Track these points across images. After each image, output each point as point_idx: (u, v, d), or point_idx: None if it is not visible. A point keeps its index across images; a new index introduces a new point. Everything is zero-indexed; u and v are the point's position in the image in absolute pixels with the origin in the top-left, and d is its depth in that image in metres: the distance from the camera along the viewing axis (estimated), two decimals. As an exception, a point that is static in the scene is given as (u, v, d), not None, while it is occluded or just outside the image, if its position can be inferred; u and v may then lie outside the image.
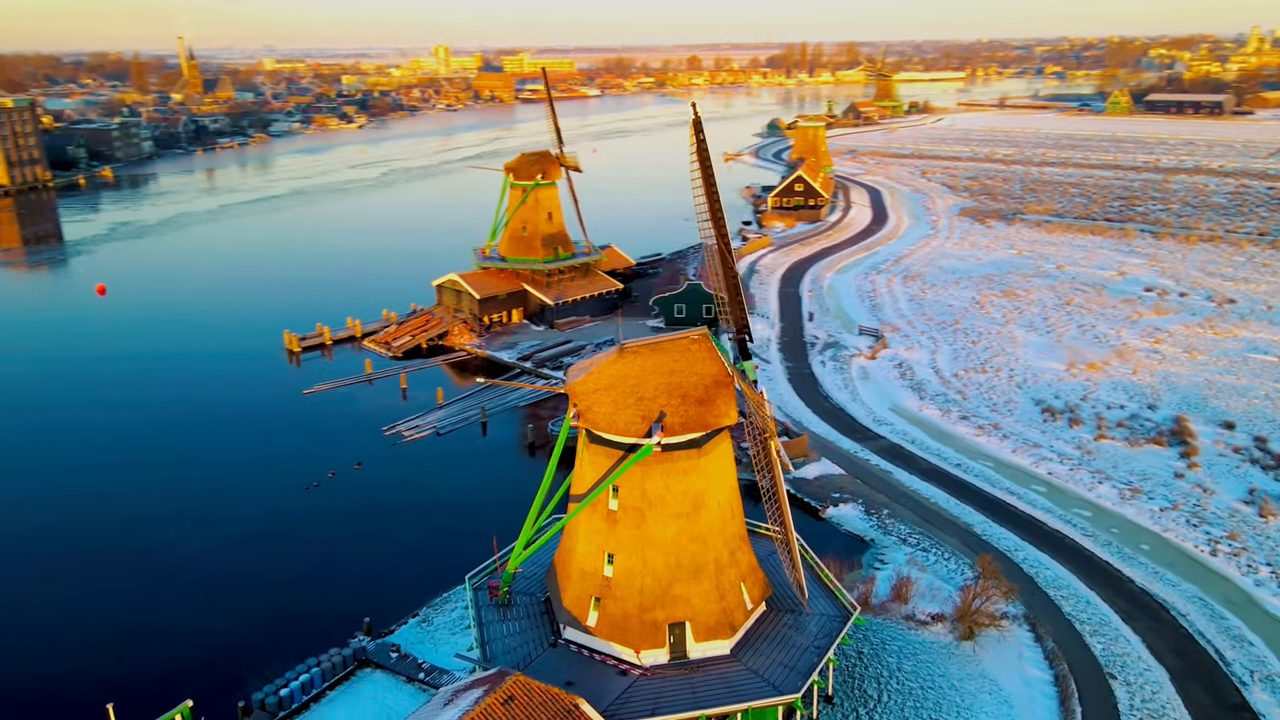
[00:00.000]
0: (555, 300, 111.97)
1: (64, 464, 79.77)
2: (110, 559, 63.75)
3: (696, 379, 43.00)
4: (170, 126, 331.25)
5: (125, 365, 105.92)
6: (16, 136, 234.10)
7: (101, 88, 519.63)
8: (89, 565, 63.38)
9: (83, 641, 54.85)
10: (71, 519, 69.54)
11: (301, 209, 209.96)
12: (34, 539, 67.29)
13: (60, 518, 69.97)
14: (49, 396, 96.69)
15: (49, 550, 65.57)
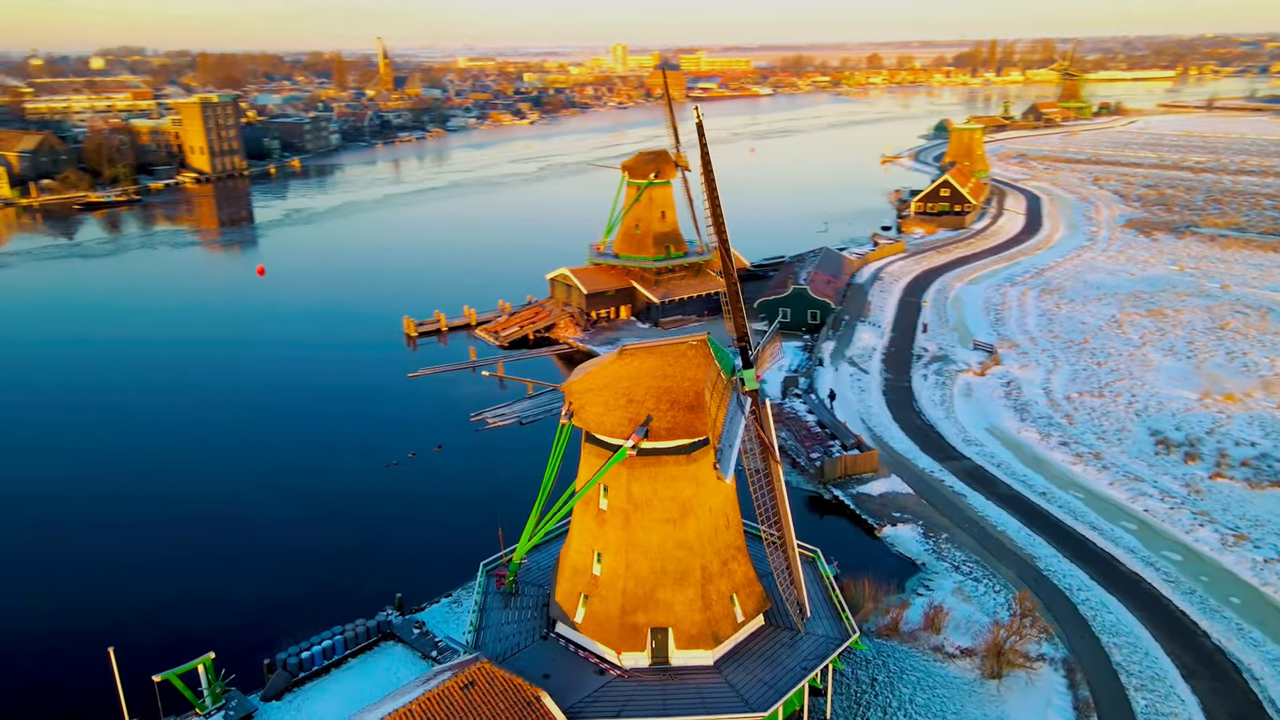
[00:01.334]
0: (661, 299, 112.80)
1: (180, 432, 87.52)
2: (191, 522, 69.66)
3: (688, 385, 42.71)
4: (357, 121, 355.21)
5: (259, 342, 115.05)
6: (220, 129, 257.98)
7: (310, 84, 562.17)
8: (169, 525, 69.32)
9: (134, 591, 60.61)
10: (169, 483, 76.33)
11: (453, 200, 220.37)
12: (128, 497, 74.16)
13: (160, 481, 76.88)
14: (187, 365, 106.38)
15: (140, 507, 72.19)
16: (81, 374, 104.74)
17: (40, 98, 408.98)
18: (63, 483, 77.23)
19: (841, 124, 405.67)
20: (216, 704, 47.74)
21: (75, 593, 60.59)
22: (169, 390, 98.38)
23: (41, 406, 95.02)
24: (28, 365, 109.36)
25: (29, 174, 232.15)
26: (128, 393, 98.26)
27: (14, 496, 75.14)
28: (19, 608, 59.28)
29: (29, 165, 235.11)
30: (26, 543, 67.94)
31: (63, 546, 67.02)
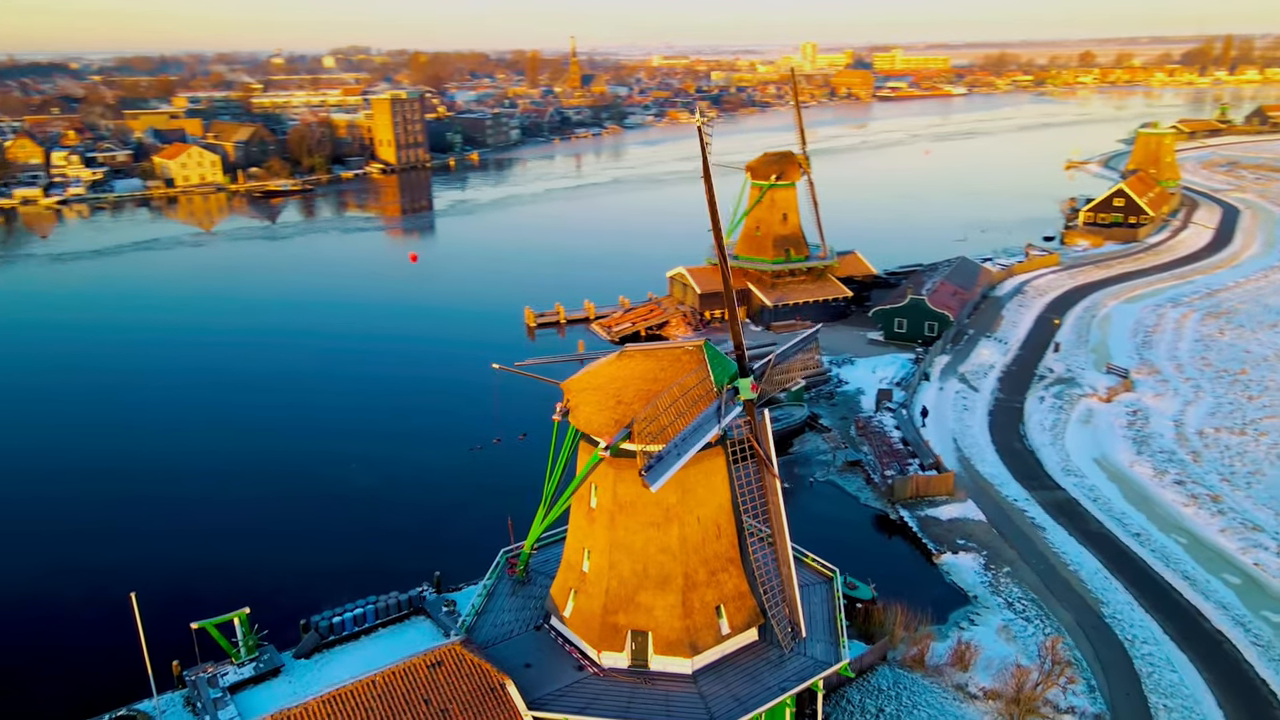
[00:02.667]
0: (775, 302, 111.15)
1: (302, 404, 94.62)
2: (286, 487, 75.46)
3: (677, 390, 42.40)
4: (538, 117, 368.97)
5: (391, 325, 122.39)
6: (406, 123, 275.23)
7: (508, 81, 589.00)
8: (261, 498, 74.31)
9: (204, 541, 66.75)
10: (280, 450, 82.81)
11: (607, 196, 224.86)
12: (232, 470, 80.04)
13: (263, 456, 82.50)
14: (318, 344, 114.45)
15: (241, 482, 77.95)
16: (224, 347, 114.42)
17: (266, 93, 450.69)
18: (182, 450, 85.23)
19: (1033, 126, 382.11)
20: (250, 655, 51.85)
21: (167, 550, 67.34)
22: (293, 366, 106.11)
23: (171, 373, 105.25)
24: (178, 333, 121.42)
25: (241, 162, 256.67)
26: (255, 365, 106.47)
27: (136, 459, 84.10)
28: (135, 560, 66.29)
29: (242, 154, 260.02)
30: (153, 500, 75.84)
31: (181, 508, 74.53)
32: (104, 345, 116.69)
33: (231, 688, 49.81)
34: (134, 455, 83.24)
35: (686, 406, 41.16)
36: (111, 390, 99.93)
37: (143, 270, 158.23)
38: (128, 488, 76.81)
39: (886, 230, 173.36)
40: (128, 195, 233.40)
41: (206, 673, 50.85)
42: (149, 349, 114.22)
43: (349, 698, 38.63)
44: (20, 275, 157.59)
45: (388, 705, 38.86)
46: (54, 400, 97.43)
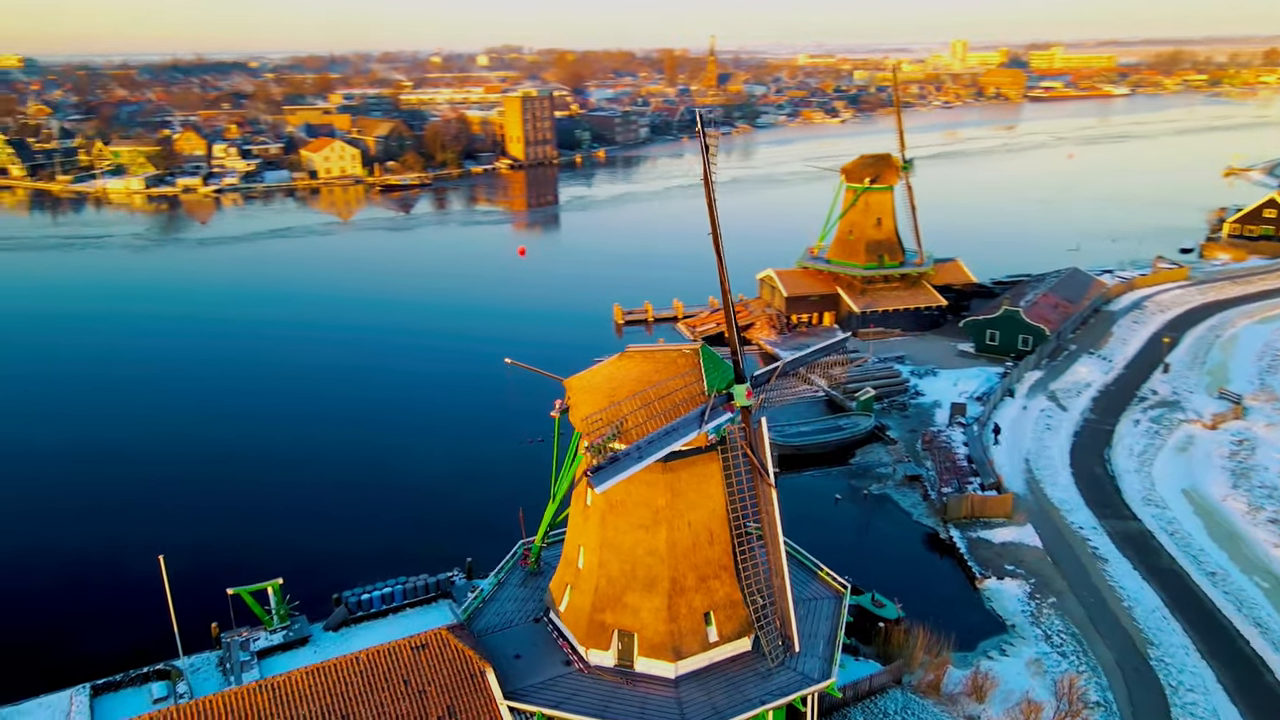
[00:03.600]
0: (863, 309, 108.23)
1: (382, 399, 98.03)
2: (351, 473, 78.87)
3: (684, 394, 42.23)
4: (669, 115, 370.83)
5: (483, 319, 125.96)
6: (536, 120, 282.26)
7: (649, 79, 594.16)
8: (325, 480, 78.51)
9: (251, 514, 70.78)
10: (356, 440, 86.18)
11: (721, 196, 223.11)
12: (301, 452, 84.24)
13: (334, 440, 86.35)
14: (412, 340, 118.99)
15: (309, 464, 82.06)
16: (319, 339, 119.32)
17: (416, 91, 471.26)
18: (265, 436, 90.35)
19: (1198, 129, 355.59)
20: (282, 624, 54.92)
21: (220, 522, 71.84)
22: (379, 361, 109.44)
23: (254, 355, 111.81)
24: (277, 324, 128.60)
25: (380, 156, 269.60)
26: (348, 358, 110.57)
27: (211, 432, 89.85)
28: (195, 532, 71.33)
29: (381, 148, 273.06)
30: (208, 477, 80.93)
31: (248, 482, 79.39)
32: (219, 332, 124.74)
33: (260, 653, 52.90)
34: (221, 439, 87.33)
35: (663, 409, 40.94)
36: (210, 375, 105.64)
37: (270, 256, 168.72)
38: (209, 469, 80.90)
39: (1005, 237, 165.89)
40: (275, 185, 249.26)
41: (241, 636, 54.23)
42: (252, 337, 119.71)
43: (331, 671, 40.45)
44: (171, 257, 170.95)
45: (368, 681, 40.46)
46: (157, 381, 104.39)
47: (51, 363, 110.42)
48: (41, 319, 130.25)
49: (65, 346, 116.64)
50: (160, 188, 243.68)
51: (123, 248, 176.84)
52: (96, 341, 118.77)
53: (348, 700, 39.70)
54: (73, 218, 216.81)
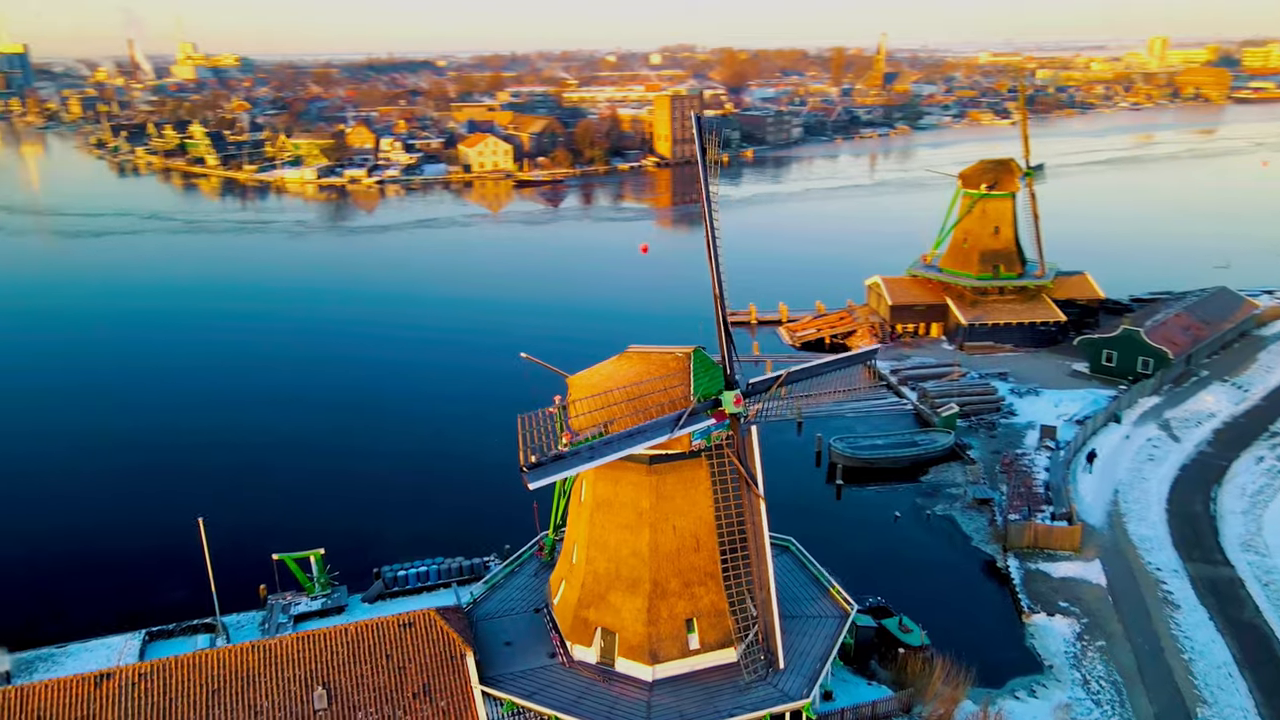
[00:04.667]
0: (971, 321, 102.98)
1: (449, 389, 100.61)
2: (407, 455, 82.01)
3: (655, 396, 42.10)
4: (825, 115, 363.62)
5: (584, 316, 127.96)
6: (684, 119, 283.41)
7: (817, 77, 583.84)
8: (396, 457, 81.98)
9: (313, 490, 74.80)
10: (415, 428, 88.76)
11: (860, 198, 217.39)
12: (373, 438, 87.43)
13: (409, 423, 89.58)
14: (517, 327, 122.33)
15: (373, 436, 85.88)
16: (425, 327, 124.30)
17: (580, 89, 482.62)
18: (352, 419, 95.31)
19: None
20: (323, 591, 58.38)
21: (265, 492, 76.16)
22: (466, 355, 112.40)
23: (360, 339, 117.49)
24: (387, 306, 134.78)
25: (533, 152, 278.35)
26: (434, 351, 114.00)
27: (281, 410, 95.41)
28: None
29: (534, 144, 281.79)
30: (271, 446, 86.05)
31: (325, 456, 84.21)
32: (329, 319, 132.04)
33: (298, 617, 56.51)
34: (303, 423, 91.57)
35: (640, 409, 40.82)
36: (311, 362, 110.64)
37: (405, 245, 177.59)
38: (288, 448, 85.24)
39: (1159, 251, 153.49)
40: (432, 178, 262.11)
41: (284, 599, 58.07)
42: (354, 328, 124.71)
43: (320, 640, 42.77)
44: (320, 244, 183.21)
45: (352, 653, 42.54)
46: (264, 362, 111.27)
47: (170, 334, 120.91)
48: (189, 294, 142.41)
49: (172, 323, 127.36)
50: (329, 178, 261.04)
51: (282, 233, 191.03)
52: (213, 322, 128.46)
53: (331, 669, 41.91)
54: (250, 204, 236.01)
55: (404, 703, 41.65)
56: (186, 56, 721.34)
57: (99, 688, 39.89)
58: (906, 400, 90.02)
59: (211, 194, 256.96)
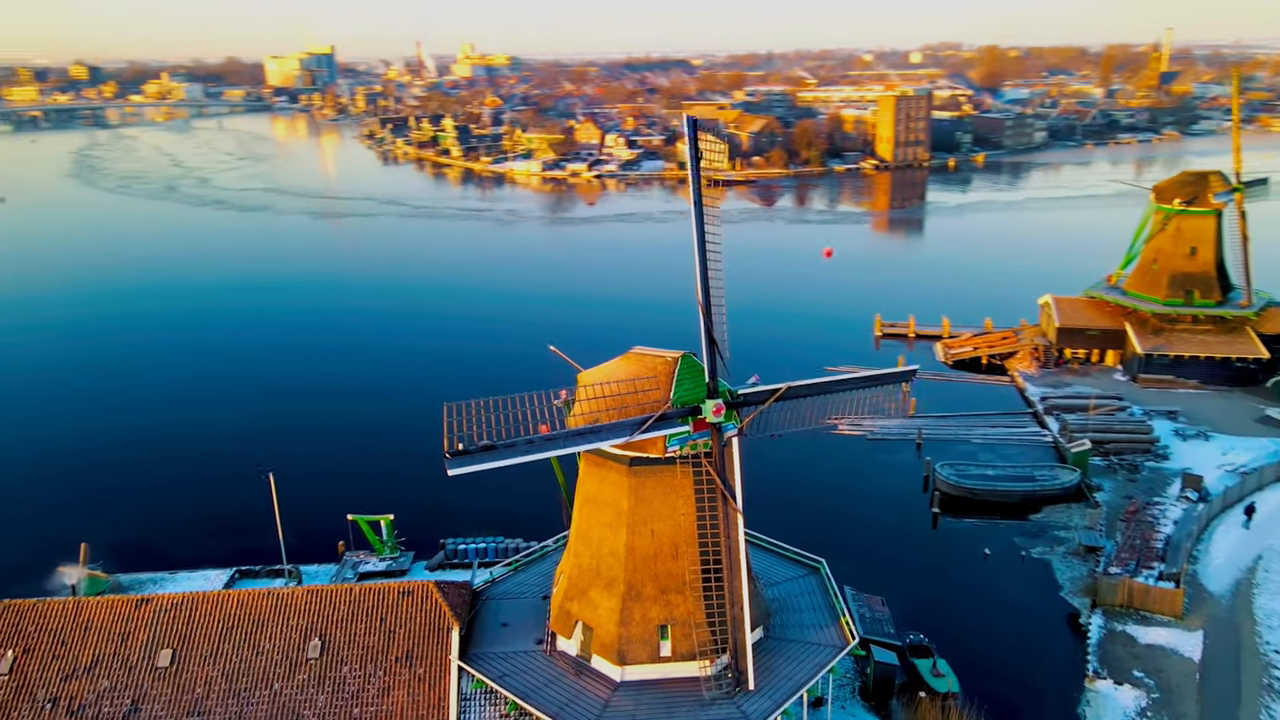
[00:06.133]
0: (1149, 350, 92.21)
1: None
2: None
3: (638, 398, 41.93)
4: (1077, 118, 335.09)
5: (743, 317, 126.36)
6: (909, 120, 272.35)
7: (1087, 76, 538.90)
8: None
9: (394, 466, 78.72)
10: None
11: (1084, 211, 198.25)
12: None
13: None
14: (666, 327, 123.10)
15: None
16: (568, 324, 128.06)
17: (818, 89, 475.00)
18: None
19: None
20: (391, 554, 62.87)
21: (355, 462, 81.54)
22: (593, 350, 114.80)
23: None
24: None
25: (750, 151, 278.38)
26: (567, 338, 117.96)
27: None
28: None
29: (752, 143, 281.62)
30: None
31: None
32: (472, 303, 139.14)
33: (363, 574, 61.32)
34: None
35: (615, 406, 40.83)
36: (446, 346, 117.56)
37: (593, 236, 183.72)
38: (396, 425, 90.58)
39: None
40: (648, 174, 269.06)
41: (357, 557, 63.19)
42: (501, 308, 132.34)
43: (326, 596, 46.43)
44: (523, 231, 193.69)
45: (352, 611, 45.86)
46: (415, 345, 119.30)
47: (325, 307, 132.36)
48: (366, 272, 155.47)
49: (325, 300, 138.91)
50: (553, 171, 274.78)
51: (493, 220, 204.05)
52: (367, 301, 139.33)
53: (330, 623, 45.45)
54: (476, 193, 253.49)
55: (386, 664, 44.42)
56: (465, 56, 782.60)
57: (139, 610, 45.71)
58: (1048, 432, 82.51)
59: (449, 182, 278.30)
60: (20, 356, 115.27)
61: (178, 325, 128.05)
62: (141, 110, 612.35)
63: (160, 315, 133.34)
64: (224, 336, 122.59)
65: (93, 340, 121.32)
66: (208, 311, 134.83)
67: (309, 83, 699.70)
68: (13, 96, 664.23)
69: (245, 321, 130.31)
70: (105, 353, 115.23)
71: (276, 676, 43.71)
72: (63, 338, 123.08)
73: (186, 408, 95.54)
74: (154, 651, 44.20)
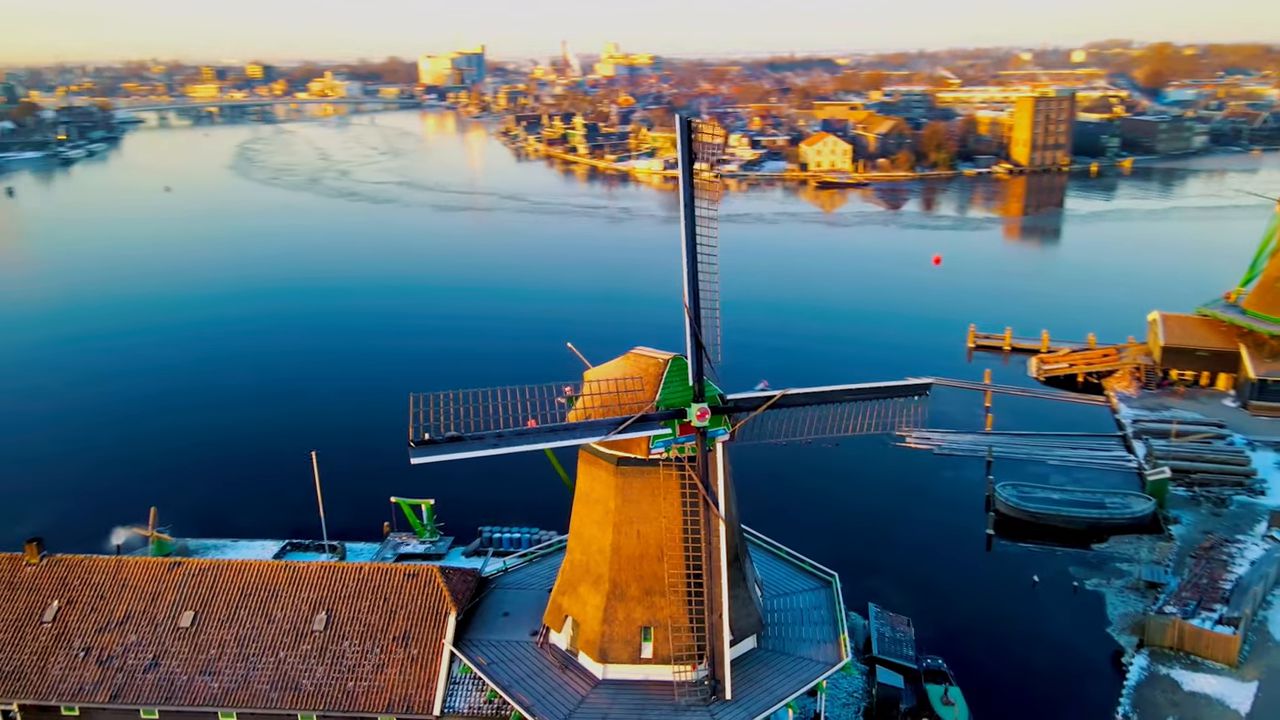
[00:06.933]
0: (1262, 376, 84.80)
1: None
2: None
3: (624, 398, 41.91)
4: (1246, 122, 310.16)
5: (839, 320, 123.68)
6: (1048, 123, 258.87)
7: (1269, 76, 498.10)
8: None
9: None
10: None
11: (1245, 221, 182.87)
12: None
13: None
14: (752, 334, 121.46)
15: None
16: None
17: (961, 89, 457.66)
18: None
19: None
20: (430, 537, 65.00)
21: None
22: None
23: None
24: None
25: (877, 153, 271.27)
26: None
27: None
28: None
29: (879, 145, 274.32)
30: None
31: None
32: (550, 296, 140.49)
33: (401, 555, 63.67)
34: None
35: (601, 404, 40.96)
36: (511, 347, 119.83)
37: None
38: None
39: None
40: (767, 175, 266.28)
41: (399, 539, 65.69)
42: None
43: (337, 571, 48.60)
44: (626, 229, 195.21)
45: (359, 589, 47.82)
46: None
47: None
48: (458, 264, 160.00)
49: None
50: (673, 170, 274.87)
51: (604, 218, 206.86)
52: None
53: (338, 599, 47.56)
54: (595, 190, 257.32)
55: (384, 642, 46.16)
56: (609, 55, 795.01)
57: (170, 572, 49.10)
58: (1133, 457, 77.26)
59: (573, 179, 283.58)
60: (127, 343, 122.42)
61: (276, 313, 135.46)
62: (304, 107, 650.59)
63: (264, 295, 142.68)
64: (311, 320, 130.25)
65: (193, 331, 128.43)
66: (307, 297, 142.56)
67: (458, 81, 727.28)
68: (195, 93, 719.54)
69: (327, 313, 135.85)
70: (202, 337, 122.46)
71: (282, 645, 46.09)
72: (162, 332, 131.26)
73: (264, 390, 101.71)
74: (178, 612, 47.39)
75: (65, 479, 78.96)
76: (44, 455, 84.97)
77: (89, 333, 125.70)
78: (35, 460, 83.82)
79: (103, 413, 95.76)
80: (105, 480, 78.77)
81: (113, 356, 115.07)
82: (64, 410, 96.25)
